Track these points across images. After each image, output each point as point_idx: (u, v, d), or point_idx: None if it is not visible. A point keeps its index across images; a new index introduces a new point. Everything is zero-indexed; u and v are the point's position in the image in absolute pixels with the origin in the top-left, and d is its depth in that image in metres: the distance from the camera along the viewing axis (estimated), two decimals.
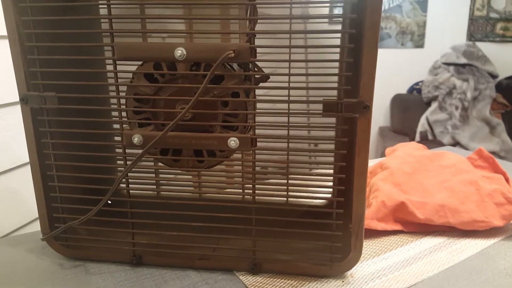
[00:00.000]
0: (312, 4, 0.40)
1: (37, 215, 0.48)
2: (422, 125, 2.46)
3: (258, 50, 0.41)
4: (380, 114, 2.68)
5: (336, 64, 0.51)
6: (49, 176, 0.46)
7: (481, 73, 2.44)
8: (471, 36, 2.64)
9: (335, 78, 0.51)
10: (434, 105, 2.47)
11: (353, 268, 0.46)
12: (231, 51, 0.39)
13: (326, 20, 0.42)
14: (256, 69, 0.41)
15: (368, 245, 0.52)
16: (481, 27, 2.63)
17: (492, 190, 0.58)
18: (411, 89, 2.68)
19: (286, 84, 0.43)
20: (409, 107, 2.55)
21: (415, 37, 2.65)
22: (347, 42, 0.43)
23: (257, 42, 0.40)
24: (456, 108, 2.38)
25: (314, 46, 0.40)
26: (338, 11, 1.90)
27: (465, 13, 2.63)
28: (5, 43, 0.81)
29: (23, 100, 0.43)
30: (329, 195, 0.55)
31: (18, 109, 0.84)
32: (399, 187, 0.59)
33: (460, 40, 2.64)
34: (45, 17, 0.42)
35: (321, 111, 0.41)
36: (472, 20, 2.63)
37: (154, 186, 0.56)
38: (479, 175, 0.62)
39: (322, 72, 0.41)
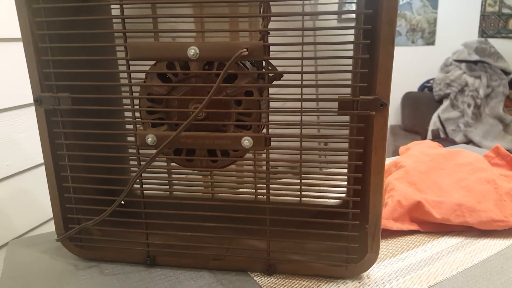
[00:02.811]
0: (325, 0, 0.39)
1: (50, 216, 0.49)
2: (434, 123, 2.43)
3: (270, 48, 0.40)
4: (391, 112, 2.65)
5: (349, 61, 0.50)
6: (63, 177, 0.46)
7: (494, 70, 2.40)
8: (483, 32, 2.60)
9: (348, 76, 0.50)
10: (446, 102, 2.44)
11: (369, 269, 0.45)
12: (245, 49, 0.38)
13: (335, 16, 0.42)
14: (269, 67, 0.41)
15: (384, 246, 0.51)
16: (493, 23, 2.59)
17: (510, 188, 0.56)
18: (422, 87, 2.65)
19: (299, 82, 0.43)
20: (421, 105, 2.53)
21: (426, 35, 2.62)
22: (361, 38, 0.42)
23: (269, 40, 0.40)
24: (469, 105, 2.35)
25: (330, 43, 0.39)
26: (348, 7, 1.88)
27: (477, 9, 2.59)
28: (18, 46, 0.81)
29: (37, 101, 0.43)
30: (343, 195, 0.54)
31: (31, 111, 0.85)
32: (415, 186, 0.58)
33: (471, 37, 2.60)
34: (58, 18, 0.42)
35: (335, 109, 0.41)
36: (484, 16, 2.59)
37: (167, 187, 0.55)
38: (497, 173, 0.60)
39: (334, 69, 0.40)
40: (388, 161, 0.70)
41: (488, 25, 2.59)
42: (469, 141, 2.33)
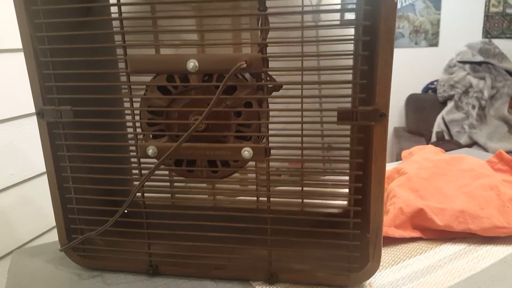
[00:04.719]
0: (324, 11, 0.40)
1: (54, 224, 0.49)
2: (438, 125, 2.42)
3: (270, 58, 0.40)
4: (395, 114, 2.65)
5: (349, 71, 0.50)
6: (66, 188, 0.47)
7: (498, 70, 2.38)
8: (487, 33, 2.59)
9: (348, 86, 0.50)
10: (450, 104, 2.43)
11: (371, 278, 0.45)
12: (243, 62, 0.38)
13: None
14: (268, 78, 0.41)
15: (386, 253, 0.51)
16: (497, 23, 2.58)
17: None
18: (426, 89, 2.64)
19: (298, 92, 0.43)
20: (425, 107, 2.52)
21: (429, 36, 2.61)
22: (361, 49, 0.42)
23: (269, 50, 0.40)
24: (473, 107, 2.33)
25: (328, 53, 0.39)
26: (347, 15, 1.88)
27: (480, 10, 2.58)
28: (19, 56, 0.82)
29: (39, 114, 0.44)
30: (345, 202, 0.54)
31: (34, 120, 0.86)
32: (417, 193, 0.58)
33: (475, 38, 2.58)
34: (59, 33, 0.43)
35: (335, 119, 0.41)
36: (488, 16, 2.58)
37: (169, 195, 0.56)
38: (500, 179, 0.60)
39: (334, 80, 0.41)
40: (391, 167, 0.70)
41: (492, 26, 2.58)
42: (473, 143, 2.32)
